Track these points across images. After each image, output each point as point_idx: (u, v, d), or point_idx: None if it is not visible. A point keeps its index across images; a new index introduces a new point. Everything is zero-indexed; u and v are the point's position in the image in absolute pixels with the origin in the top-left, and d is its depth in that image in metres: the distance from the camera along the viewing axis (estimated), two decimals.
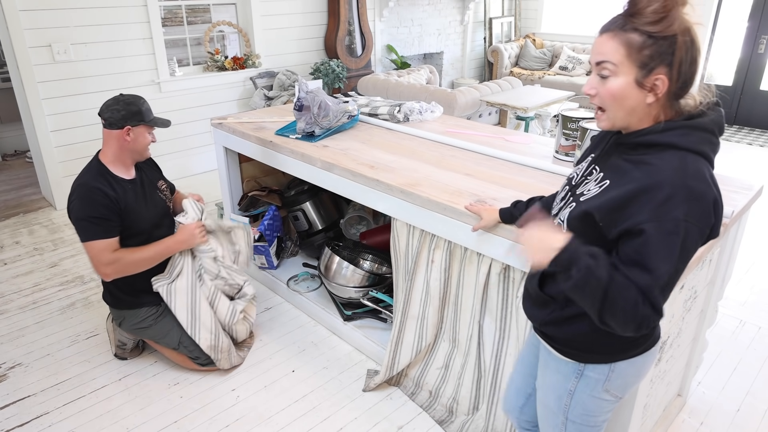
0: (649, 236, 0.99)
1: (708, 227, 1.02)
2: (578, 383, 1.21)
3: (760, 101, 5.94)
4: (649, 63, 1.01)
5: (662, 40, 1.00)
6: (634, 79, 1.03)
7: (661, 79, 1.02)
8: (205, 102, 4.54)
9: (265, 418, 2.11)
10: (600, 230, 1.07)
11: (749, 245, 3.41)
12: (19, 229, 3.68)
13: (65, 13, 3.64)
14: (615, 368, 1.18)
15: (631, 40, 1.01)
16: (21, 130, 4.98)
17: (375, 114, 2.83)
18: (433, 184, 1.94)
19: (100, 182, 2.07)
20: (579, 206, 1.12)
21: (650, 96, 1.04)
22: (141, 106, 2.11)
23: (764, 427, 2.07)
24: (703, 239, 1.03)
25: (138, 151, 2.17)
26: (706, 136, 1.05)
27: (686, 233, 0.98)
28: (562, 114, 2.14)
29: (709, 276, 1.84)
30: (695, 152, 1.03)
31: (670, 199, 0.98)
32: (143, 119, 2.11)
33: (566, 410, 1.25)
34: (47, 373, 2.34)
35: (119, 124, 2.08)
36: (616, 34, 1.03)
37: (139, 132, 2.13)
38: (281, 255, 3.05)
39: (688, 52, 1.01)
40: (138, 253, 2.11)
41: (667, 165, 1.01)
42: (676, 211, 0.98)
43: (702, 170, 1.02)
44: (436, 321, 2.03)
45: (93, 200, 2.04)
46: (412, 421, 2.08)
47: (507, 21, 7.16)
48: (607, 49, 1.04)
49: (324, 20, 5.17)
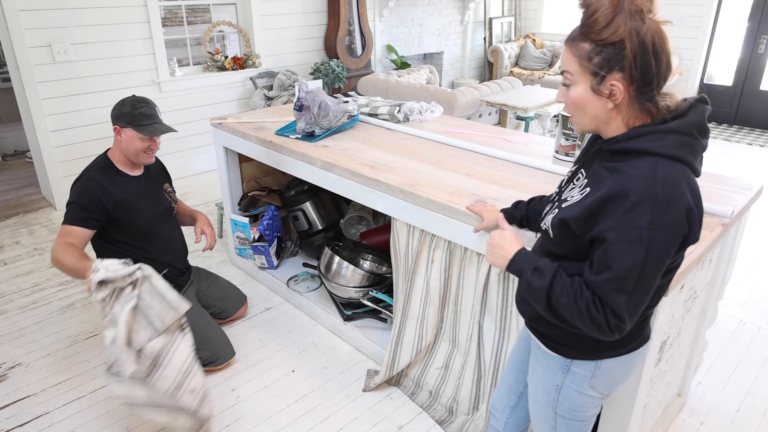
0: (611, 244, 1.00)
1: (679, 235, 1.01)
2: (565, 378, 1.23)
3: (760, 101, 5.94)
4: (599, 71, 1.03)
5: (609, 46, 1.01)
6: (589, 87, 1.06)
7: (617, 85, 1.03)
8: (205, 102, 4.54)
9: (265, 418, 2.11)
10: (577, 239, 1.09)
11: (749, 245, 3.41)
12: (19, 229, 3.68)
13: (65, 13, 3.64)
14: (601, 365, 1.20)
15: (582, 49, 1.04)
16: (21, 130, 4.98)
17: (375, 114, 2.83)
18: (433, 184, 1.94)
19: (100, 174, 2.09)
20: (559, 213, 1.14)
21: (609, 102, 1.05)
22: (135, 109, 2.08)
23: (764, 427, 2.08)
24: (676, 246, 1.02)
25: (129, 153, 2.14)
26: (682, 139, 1.03)
27: (650, 242, 0.98)
28: (562, 114, 2.14)
29: (709, 276, 1.84)
30: (669, 157, 1.02)
31: (635, 208, 0.98)
32: (130, 122, 2.08)
33: (555, 405, 1.27)
34: (47, 373, 2.34)
35: (113, 121, 2.11)
36: (572, 44, 1.06)
37: (129, 135, 2.10)
38: (281, 255, 3.05)
39: (639, 56, 1.00)
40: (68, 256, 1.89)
41: (637, 172, 1.01)
42: (640, 219, 0.98)
43: (673, 176, 1.00)
44: (436, 321, 2.03)
45: (86, 189, 2.05)
46: (412, 421, 2.08)
47: (507, 21, 7.16)
48: (566, 58, 1.08)
49: (324, 20, 5.17)
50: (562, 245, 1.15)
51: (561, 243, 1.15)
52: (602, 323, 1.02)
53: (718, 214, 1.67)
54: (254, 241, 2.85)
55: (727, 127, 6.11)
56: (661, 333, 1.46)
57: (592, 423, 1.31)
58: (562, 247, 1.15)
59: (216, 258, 3.27)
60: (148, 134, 2.10)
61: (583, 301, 1.03)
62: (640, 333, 1.21)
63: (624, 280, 1.00)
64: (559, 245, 1.16)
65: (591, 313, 1.02)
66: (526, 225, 1.55)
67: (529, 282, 1.11)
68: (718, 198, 1.80)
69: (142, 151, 2.14)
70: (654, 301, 1.17)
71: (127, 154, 2.15)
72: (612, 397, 1.52)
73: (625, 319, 1.02)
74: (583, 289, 1.04)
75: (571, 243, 1.11)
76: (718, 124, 6.21)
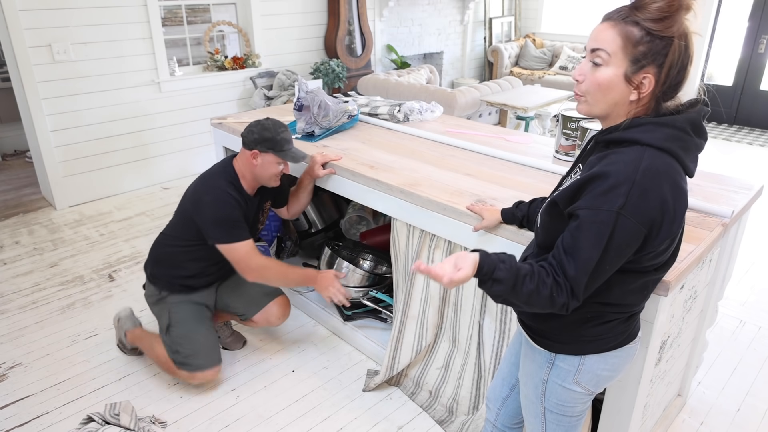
0: (581, 222, 1.01)
1: (648, 225, 1.00)
2: (550, 372, 1.23)
3: (760, 101, 5.94)
4: (641, 59, 1.01)
5: (659, 39, 1.00)
6: (623, 73, 1.03)
7: (649, 78, 1.02)
8: (205, 102, 4.54)
9: (265, 418, 2.11)
10: (564, 220, 1.09)
11: (749, 245, 3.41)
12: (18, 229, 3.68)
13: (65, 13, 3.63)
14: (585, 361, 1.19)
15: (630, 32, 1.01)
16: (21, 130, 4.98)
17: (375, 114, 2.83)
18: (433, 184, 1.94)
19: (231, 189, 2.06)
20: (550, 198, 1.14)
21: (634, 93, 1.04)
22: (277, 134, 2.04)
23: (764, 427, 2.07)
24: (640, 237, 1.01)
25: (263, 177, 2.11)
26: (674, 133, 1.03)
27: (616, 225, 0.98)
28: (562, 114, 2.14)
29: (709, 276, 1.84)
30: (657, 148, 1.02)
31: (611, 190, 0.99)
32: (273, 148, 2.04)
33: (542, 399, 1.27)
34: (47, 373, 2.34)
35: (250, 146, 2.05)
36: (617, 23, 1.03)
37: (267, 159, 2.06)
38: (281, 255, 3.05)
39: (680, 57, 1.01)
40: (283, 268, 2.13)
41: (622, 158, 1.01)
42: (612, 202, 0.98)
43: (656, 166, 1.00)
44: (436, 321, 2.03)
45: (229, 203, 2.02)
46: (412, 421, 2.08)
47: (507, 21, 7.16)
48: (605, 36, 1.04)
49: (324, 20, 5.16)
50: (548, 232, 1.15)
51: (547, 230, 1.15)
52: (564, 304, 1.03)
53: (718, 214, 1.67)
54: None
55: (727, 127, 6.11)
56: (661, 333, 1.46)
57: (582, 419, 1.30)
58: (548, 233, 1.14)
59: None
60: (291, 160, 2.09)
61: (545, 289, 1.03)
62: (625, 330, 1.20)
63: (588, 262, 1.01)
64: (546, 232, 1.16)
65: (552, 299, 1.03)
66: (527, 225, 1.55)
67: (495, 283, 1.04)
68: (718, 198, 1.80)
69: (275, 176, 2.11)
70: (639, 298, 1.17)
71: (260, 178, 2.11)
72: (612, 397, 1.52)
73: (580, 298, 1.03)
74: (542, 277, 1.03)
75: (557, 226, 1.11)
76: (718, 123, 6.21)
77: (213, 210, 2.01)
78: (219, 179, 2.08)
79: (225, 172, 2.10)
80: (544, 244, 1.17)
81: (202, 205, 2.04)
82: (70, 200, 4.00)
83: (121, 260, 3.25)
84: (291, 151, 2.08)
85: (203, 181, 2.10)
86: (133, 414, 2.04)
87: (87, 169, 4.02)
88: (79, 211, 3.93)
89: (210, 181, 2.09)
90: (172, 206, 3.98)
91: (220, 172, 2.11)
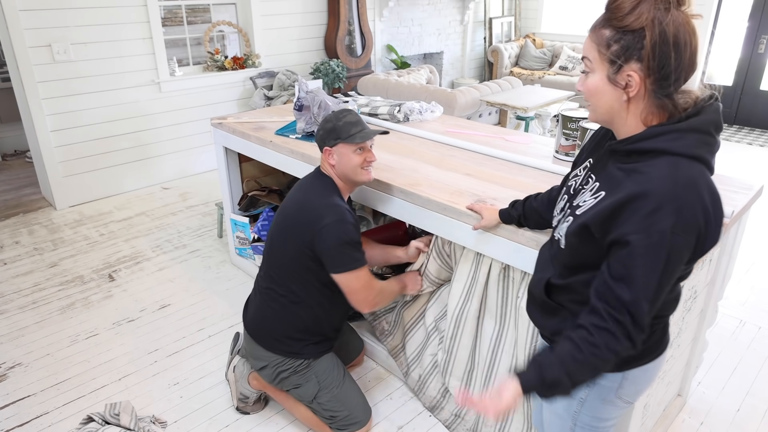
0: (634, 248, 0.97)
1: (696, 237, 0.98)
2: (591, 392, 1.20)
3: (760, 101, 5.94)
4: (617, 59, 1.00)
5: (629, 34, 0.98)
6: (606, 76, 1.03)
7: (633, 76, 1.00)
8: (205, 102, 4.54)
9: (265, 418, 2.11)
10: (597, 243, 1.05)
11: (749, 245, 3.41)
12: (18, 229, 3.68)
13: (65, 13, 3.64)
14: (628, 376, 1.17)
15: (601, 35, 1.01)
16: (21, 130, 4.98)
17: (375, 114, 2.83)
18: (433, 184, 1.94)
19: (342, 203, 1.80)
20: (576, 220, 1.09)
21: (624, 94, 1.02)
22: (338, 120, 1.79)
23: (764, 427, 2.07)
24: (690, 250, 1.00)
25: (349, 174, 1.82)
26: (701, 137, 1.00)
27: (671, 246, 0.96)
28: (562, 114, 2.14)
29: (709, 276, 1.84)
30: (689, 157, 0.98)
31: (657, 210, 0.95)
32: (339, 136, 1.77)
33: (575, 416, 1.24)
34: (47, 373, 2.34)
35: (321, 145, 1.83)
36: (595, 30, 1.04)
37: (341, 152, 1.79)
38: None
39: (659, 46, 0.97)
40: (390, 286, 1.87)
41: (657, 173, 0.97)
42: (663, 223, 0.95)
43: (694, 177, 0.97)
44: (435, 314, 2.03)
45: (350, 222, 1.75)
46: (412, 421, 2.08)
47: (507, 21, 7.16)
48: (587, 45, 1.05)
49: (324, 20, 5.17)
50: (577, 254, 1.11)
51: (576, 251, 1.11)
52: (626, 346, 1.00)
53: None
54: (254, 241, 2.85)
55: (727, 127, 6.11)
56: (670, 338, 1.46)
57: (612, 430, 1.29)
58: (578, 255, 1.11)
59: (216, 258, 3.27)
60: (360, 140, 1.77)
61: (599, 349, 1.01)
62: (663, 339, 1.20)
63: (649, 287, 0.98)
64: (574, 254, 1.12)
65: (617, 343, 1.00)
66: (524, 223, 1.55)
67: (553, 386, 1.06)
68: None
69: (360, 167, 1.81)
70: (674, 305, 1.17)
71: (346, 176, 1.83)
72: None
73: (644, 327, 1.00)
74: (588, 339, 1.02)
75: (588, 250, 1.07)
76: None
77: (337, 232, 1.71)
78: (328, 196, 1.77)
79: (325, 184, 1.82)
80: (572, 265, 1.14)
81: (325, 231, 1.72)
82: (70, 200, 4.00)
83: (121, 260, 3.25)
84: (361, 134, 1.79)
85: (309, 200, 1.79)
86: (133, 414, 2.04)
87: (87, 169, 4.03)
88: (79, 211, 3.93)
89: (320, 200, 1.77)
90: (172, 206, 3.99)
91: (324, 185, 1.82)
